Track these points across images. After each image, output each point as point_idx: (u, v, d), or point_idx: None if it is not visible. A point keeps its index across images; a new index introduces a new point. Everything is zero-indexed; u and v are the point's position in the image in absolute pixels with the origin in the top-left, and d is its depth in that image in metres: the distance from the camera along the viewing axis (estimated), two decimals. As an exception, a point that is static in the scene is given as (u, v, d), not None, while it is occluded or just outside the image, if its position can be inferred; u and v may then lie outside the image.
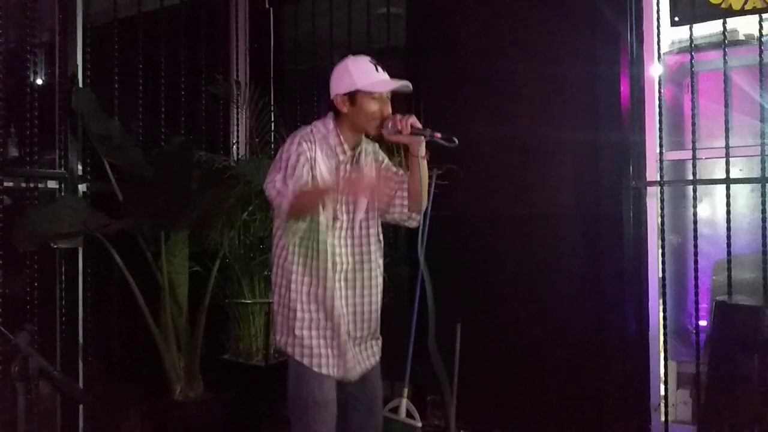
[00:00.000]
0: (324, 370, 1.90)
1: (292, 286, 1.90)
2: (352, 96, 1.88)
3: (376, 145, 2.09)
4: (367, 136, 2.00)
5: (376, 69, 1.90)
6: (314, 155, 1.86)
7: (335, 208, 1.92)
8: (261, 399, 2.96)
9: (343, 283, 1.95)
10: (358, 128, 1.93)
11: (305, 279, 1.90)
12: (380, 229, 2.04)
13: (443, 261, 2.91)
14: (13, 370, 1.24)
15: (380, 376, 2.07)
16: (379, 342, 2.07)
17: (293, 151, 1.85)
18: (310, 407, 1.90)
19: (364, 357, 2.01)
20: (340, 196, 1.93)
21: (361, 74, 1.88)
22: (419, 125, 1.89)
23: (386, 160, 2.10)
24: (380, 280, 2.03)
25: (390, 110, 1.92)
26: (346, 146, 1.94)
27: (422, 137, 1.89)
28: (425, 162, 1.95)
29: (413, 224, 2.07)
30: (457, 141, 1.87)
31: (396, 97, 1.97)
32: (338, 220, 1.92)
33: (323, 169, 1.87)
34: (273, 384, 2.96)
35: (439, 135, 1.88)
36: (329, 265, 1.90)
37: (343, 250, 1.94)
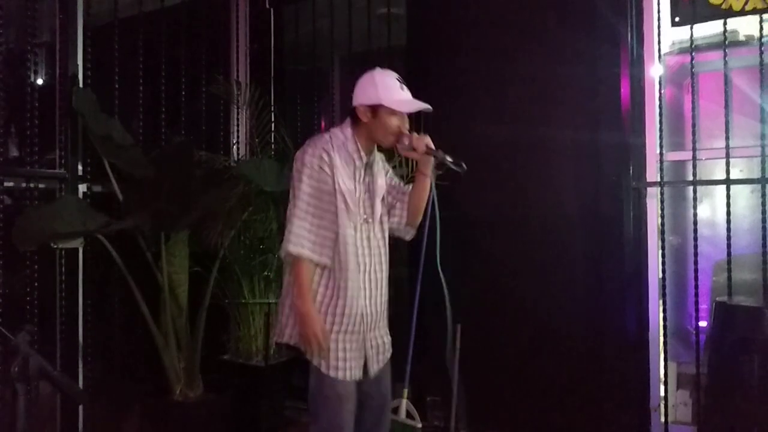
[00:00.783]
0: (346, 375, 1.92)
1: (319, 289, 1.93)
2: (375, 109, 1.95)
3: (381, 154, 2.15)
4: (379, 148, 2.05)
5: (401, 87, 1.98)
6: (334, 163, 1.92)
7: (359, 212, 1.97)
8: (260, 399, 2.96)
9: (368, 283, 1.99)
10: (374, 139, 2.00)
11: (330, 282, 1.93)
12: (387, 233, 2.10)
13: (444, 262, 2.91)
14: (13, 370, 1.23)
15: (389, 369, 2.10)
16: (389, 338, 2.10)
17: (306, 175, 1.89)
18: (332, 402, 1.92)
19: (382, 358, 2.05)
20: (362, 201, 1.98)
21: (387, 90, 1.94)
22: (432, 146, 1.98)
23: (390, 170, 2.17)
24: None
25: (407, 127, 2.00)
26: (362, 153, 1.99)
27: (434, 158, 1.98)
28: (429, 181, 2.04)
29: (407, 237, 2.16)
30: (465, 167, 1.95)
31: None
32: (367, 222, 1.98)
33: (343, 174, 1.93)
34: (272, 384, 2.97)
35: (450, 159, 1.97)
36: (354, 266, 1.95)
37: (366, 251, 1.98)
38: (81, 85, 2.79)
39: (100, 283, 2.85)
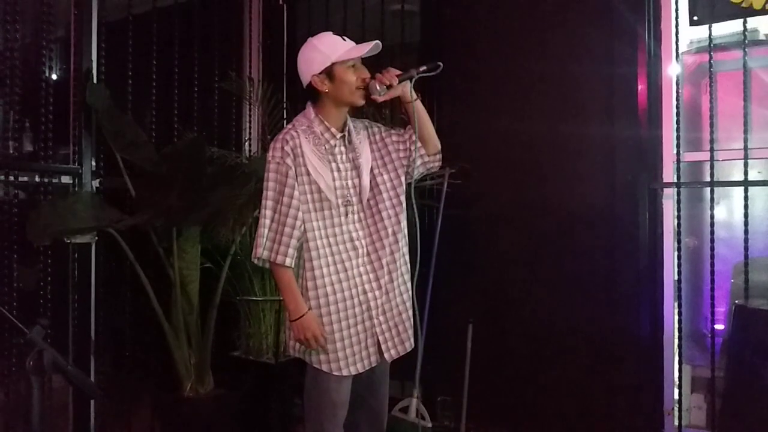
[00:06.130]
0: (345, 371, 1.87)
1: (311, 290, 1.86)
2: (329, 72, 1.84)
3: (365, 120, 2.04)
4: (357, 108, 1.94)
5: (343, 38, 1.87)
6: (300, 152, 1.83)
7: (345, 193, 1.88)
8: (271, 396, 2.96)
9: (368, 267, 1.90)
10: (344, 103, 1.89)
11: (326, 279, 1.85)
12: (399, 200, 1.95)
13: (455, 260, 2.90)
14: (28, 364, 1.24)
15: (388, 374, 2.05)
16: (411, 332, 1.98)
17: (274, 171, 1.83)
18: (326, 407, 1.89)
19: (398, 340, 1.94)
20: (345, 181, 1.89)
21: (331, 47, 1.84)
22: (401, 71, 1.87)
23: (382, 127, 2.04)
24: (405, 253, 1.96)
25: (368, 74, 1.88)
26: (333, 129, 1.89)
27: (411, 79, 1.87)
28: (419, 102, 1.93)
29: (437, 165, 2.03)
30: (441, 65, 1.85)
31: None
32: (350, 204, 1.89)
33: (314, 161, 1.84)
34: (283, 381, 2.96)
35: (423, 68, 1.87)
36: (350, 253, 1.87)
37: (360, 233, 1.89)
38: (95, 80, 2.79)
39: (112, 278, 2.86)
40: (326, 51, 1.84)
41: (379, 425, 2.04)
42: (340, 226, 1.88)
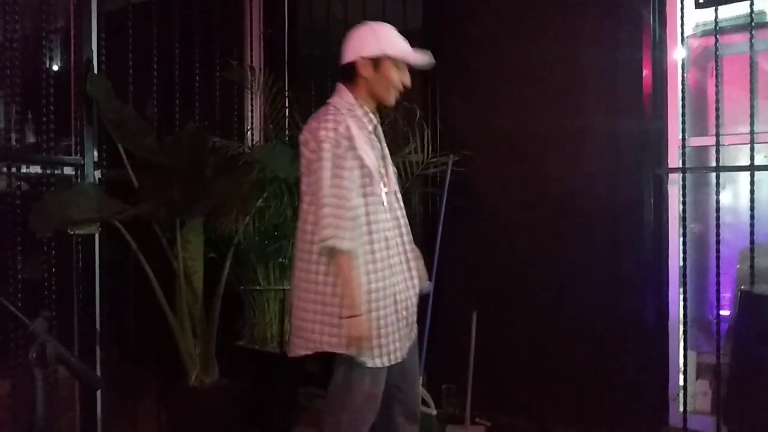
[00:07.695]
0: (393, 361, 1.83)
1: (370, 273, 1.81)
2: (378, 61, 1.83)
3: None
4: (383, 107, 1.93)
5: (403, 39, 1.87)
6: (351, 134, 1.78)
7: (383, 180, 1.86)
8: (275, 385, 2.98)
9: (402, 257, 1.88)
10: (376, 96, 1.87)
11: (379, 264, 1.80)
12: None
13: (460, 248, 2.89)
14: (31, 356, 1.23)
15: (417, 359, 2.04)
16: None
17: (329, 152, 1.73)
18: (362, 400, 1.84)
19: (413, 335, 1.96)
20: (381, 169, 1.85)
21: (390, 40, 1.84)
22: None
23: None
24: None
25: (409, 80, 1.88)
26: (371, 115, 1.88)
27: None
28: None
29: None
30: None
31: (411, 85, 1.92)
32: (387, 193, 1.85)
33: (363, 144, 1.80)
34: (287, 370, 2.97)
35: None
36: (386, 242, 1.83)
37: (392, 223, 1.87)
38: (95, 70, 2.78)
39: (117, 270, 2.87)
40: (383, 40, 1.83)
41: (414, 414, 2.01)
42: (385, 212, 1.85)
